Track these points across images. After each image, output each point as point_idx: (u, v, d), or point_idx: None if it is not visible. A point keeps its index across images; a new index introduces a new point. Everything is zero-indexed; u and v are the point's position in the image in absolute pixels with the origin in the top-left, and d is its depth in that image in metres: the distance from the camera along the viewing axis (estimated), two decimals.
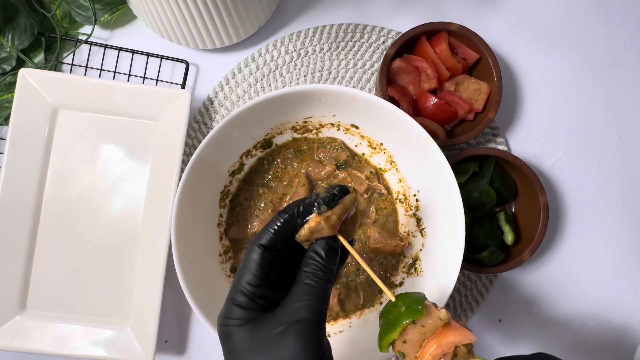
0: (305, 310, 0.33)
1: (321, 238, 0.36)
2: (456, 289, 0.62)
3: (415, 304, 0.36)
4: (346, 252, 0.39)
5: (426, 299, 0.37)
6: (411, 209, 0.58)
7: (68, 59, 0.63)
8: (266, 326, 0.33)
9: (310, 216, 0.36)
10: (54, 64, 0.62)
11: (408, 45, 0.60)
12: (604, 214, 0.64)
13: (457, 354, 0.35)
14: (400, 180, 0.58)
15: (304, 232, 0.36)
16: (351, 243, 0.39)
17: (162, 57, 0.62)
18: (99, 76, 0.63)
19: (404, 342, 0.35)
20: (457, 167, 0.59)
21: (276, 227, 0.36)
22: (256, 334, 0.33)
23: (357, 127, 0.57)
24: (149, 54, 0.62)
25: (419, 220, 0.57)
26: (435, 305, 0.37)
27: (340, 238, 0.37)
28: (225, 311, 0.35)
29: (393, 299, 0.37)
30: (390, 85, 0.59)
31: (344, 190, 0.38)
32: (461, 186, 0.54)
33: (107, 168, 0.59)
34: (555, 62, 0.66)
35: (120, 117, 0.59)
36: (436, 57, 0.59)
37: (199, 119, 0.63)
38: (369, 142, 0.58)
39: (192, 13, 0.55)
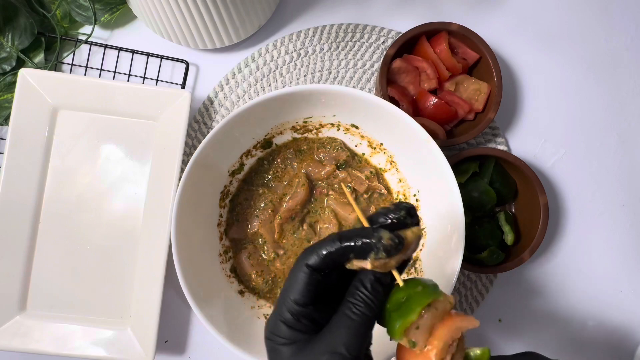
0: (343, 344, 0.32)
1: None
2: (456, 289, 0.62)
3: (430, 284, 0.34)
4: (393, 279, 0.36)
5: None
6: None
7: (68, 59, 0.63)
8: (310, 351, 0.33)
9: (366, 259, 0.33)
10: (54, 64, 0.62)
11: (408, 45, 0.60)
12: (604, 214, 0.64)
13: (458, 344, 0.34)
14: (400, 180, 0.58)
15: (353, 266, 0.34)
16: (404, 264, 0.36)
17: (162, 57, 0.62)
18: (99, 76, 0.63)
19: (417, 327, 0.33)
20: (457, 167, 0.59)
21: (325, 252, 0.34)
22: (301, 357, 0.33)
23: (357, 127, 0.57)
24: (149, 54, 0.62)
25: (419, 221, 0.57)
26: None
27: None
28: (272, 326, 0.34)
29: (401, 284, 0.35)
30: (390, 85, 0.59)
31: (411, 216, 0.35)
32: (461, 186, 0.54)
33: (107, 168, 0.59)
34: (555, 62, 0.66)
35: (120, 117, 0.59)
36: (436, 57, 0.59)
37: (199, 119, 0.63)
38: (369, 142, 0.58)
39: (192, 13, 0.55)
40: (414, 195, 0.57)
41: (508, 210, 0.62)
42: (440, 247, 0.54)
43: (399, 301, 0.34)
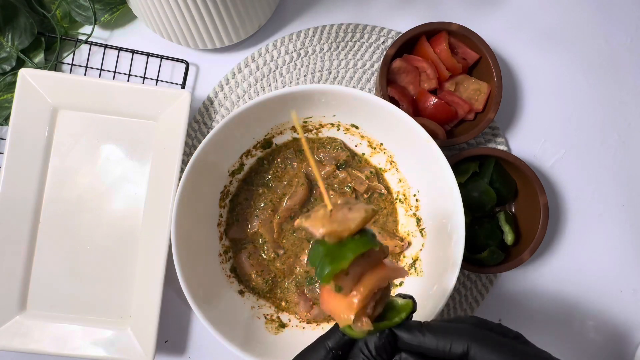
0: None
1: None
2: (456, 289, 0.62)
3: (370, 234, 0.34)
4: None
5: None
6: (411, 209, 0.58)
7: (68, 59, 0.63)
8: None
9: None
10: (54, 64, 0.62)
11: (408, 45, 0.60)
12: (604, 214, 0.64)
13: (382, 295, 0.34)
14: (400, 180, 0.58)
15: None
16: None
17: (162, 57, 0.62)
18: (99, 76, 0.63)
19: (346, 274, 0.33)
20: (457, 167, 0.59)
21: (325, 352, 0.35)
22: None
23: (357, 127, 0.57)
24: (149, 54, 0.62)
25: (419, 220, 0.57)
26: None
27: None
28: None
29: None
30: (390, 85, 0.59)
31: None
32: (461, 186, 0.54)
33: (107, 168, 0.59)
34: (556, 62, 0.66)
35: (120, 117, 0.59)
36: (436, 57, 0.59)
37: (199, 119, 0.63)
38: (369, 142, 0.58)
39: (192, 13, 0.55)
40: (414, 195, 0.57)
41: (508, 210, 0.62)
42: (440, 247, 0.54)
43: (332, 247, 0.33)
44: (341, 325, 0.34)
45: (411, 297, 0.35)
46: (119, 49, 0.62)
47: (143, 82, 0.62)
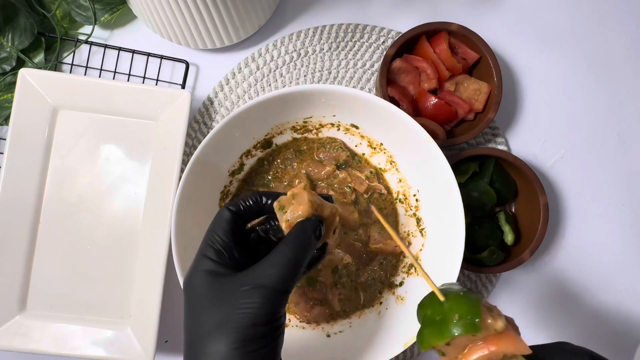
0: (275, 278, 0.34)
1: (307, 219, 0.38)
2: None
3: (472, 315, 0.31)
4: (323, 252, 0.41)
5: (482, 302, 0.32)
6: (411, 209, 0.58)
7: (68, 59, 0.63)
8: (232, 282, 0.34)
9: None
10: (54, 64, 0.62)
11: (408, 45, 0.60)
12: (604, 214, 0.64)
13: None
14: (400, 180, 0.58)
15: (286, 198, 0.38)
16: (323, 250, 0.42)
17: (162, 57, 0.62)
18: (99, 76, 0.63)
19: (448, 344, 0.31)
20: (457, 167, 0.59)
21: (246, 203, 0.39)
22: (221, 285, 0.34)
23: (357, 127, 0.57)
24: (149, 54, 0.62)
25: (419, 220, 0.57)
26: (490, 310, 0.32)
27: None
28: (195, 264, 0.36)
29: (442, 299, 0.33)
30: (390, 85, 0.59)
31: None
32: (461, 186, 0.54)
33: (107, 168, 0.59)
34: (555, 62, 0.66)
35: (120, 117, 0.59)
36: (436, 57, 0.59)
37: (199, 119, 0.63)
38: (369, 142, 0.58)
39: (192, 13, 0.55)
40: (414, 195, 0.57)
41: (508, 210, 0.62)
42: (440, 247, 0.54)
43: (434, 318, 0.32)
44: None
45: None
46: (119, 49, 0.62)
47: (143, 82, 0.62)
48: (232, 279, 0.34)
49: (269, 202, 0.39)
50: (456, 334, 0.30)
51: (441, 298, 0.33)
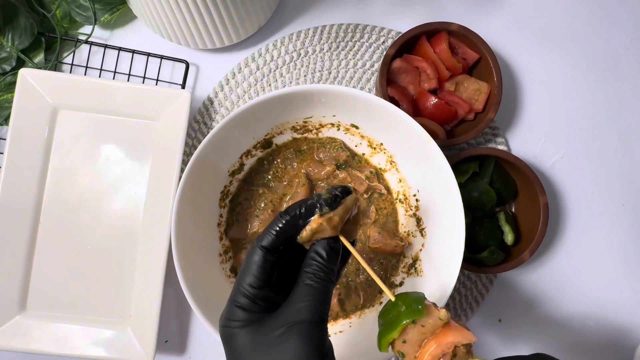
0: (306, 311, 0.33)
1: (323, 239, 0.36)
2: (456, 289, 0.62)
3: (416, 303, 0.36)
4: (347, 253, 0.39)
5: (426, 298, 0.37)
6: (411, 209, 0.58)
7: (68, 59, 0.63)
8: (268, 327, 0.33)
9: (312, 218, 0.36)
10: (54, 64, 0.62)
11: (408, 45, 0.60)
12: (604, 214, 0.64)
13: (456, 354, 0.35)
14: (400, 180, 0.58)
15: (305, 233, 0.36)
16: (353, 243, 0.39)
17: (162, 57, 0.62)
18: (99, 76, 0.63)
19: (404, 341, 0.35)
20: (457, 167, 0.59)
21: (278, 229, 0.35)
22: (258, 335, 0.33)
23: (357, 127, 0.57)
24: (149, 54, 0.62)
25: (419, 220, 0.57)
26: (435, 305, 0.37)
27: (342, 239, 0.37)
28: (227, 313, 0.35)
29: (393, 299, 0.37)
30: (390, 85, 0.59)
31: (346, 191, 0.38)
32: (461, 186, 0.54)
33: (107, 168, 0.59)
34: (555, 62, 0.66)
35: (120, 117, 0.59)
36: (436, 57, 0.59)
37: (199, 119, 0.63)
38: (369, 142, 0.58)
39: (192, 13, 0.55)
40: (414, 195, 0.57)
41: (508, 210, 0.62)
42: (440, 247, 0.54)
43: (389, 318, 0.36)
44: None
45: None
46: (119, 49, 0.62)
47: (143, 82, 0.62)
48: (267, 323, 0.33)
49: (301, 221, 0.36)
50: (404, 321, 0.35)
51: (392, 298, 0.37)
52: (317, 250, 0.36)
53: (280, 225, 0.35)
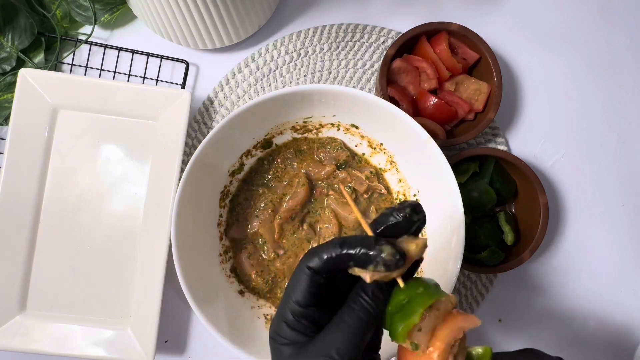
0: (336, 348, 0.32)
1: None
2: (456, 289, 0.62)
3: (433, 286, 0.34)
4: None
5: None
6: None
7: (68, 59, 0.63)
8: (306, 353, 0.33)
9: (365, 270, 0.33)
10: (54, 64, 0.62)
11: (408, 45, 0.60)
12: (604, 214, 0.64)
13: (460, 344, 0.34)
14: (400, 180, 0.58)
15: (355, 272, 0.34)
16: (415, 267, 0.36)
17: (162, 57, 0.62)
18: (99, 76, 0.63)
19: (419, 329, 0.33)
20: (457, 167, 0.59)
21: (326, 257, 0.34)
22: (298, 358, 0.33)
23: (357, 127, 0.57)
24: (149, 54, 0.62)
25: None
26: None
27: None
28: (276, 326, 0.35)
29: (402, 285, 0.34)
30: (390, 85, 0.59)
31: (417, 212, 0.34)
32: (461, 186, 0.54)
33: (107, 168, 0.59)
34: (556, 62, 0.66)
35: (120, 117, 0.59)
36: (436, 57, 0.59)
37: (199, 119, 0.63)
38: (369, 142, 0.58)
39: (192, 13, 0.55)
40: (414, 195, 0.57)
41: (508, 210, 0.62)
42: (440, 247, 0.54)
43: (400, 303, 0.34)
44: None
45: (489, 347, 0.35)
46: (119, 49, 0.62)
47: (143, 82, 0.62)
48: (307, 349, 0.33)
49: (358, 252, 0.33)
50: (428, 303, 0.33)
51: (401, 284, 0.34)
52: (363, 286, 0.34)
53: (332, 254, 0.33)
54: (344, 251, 0.33)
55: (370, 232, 0.35)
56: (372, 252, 0.32)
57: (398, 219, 0.34)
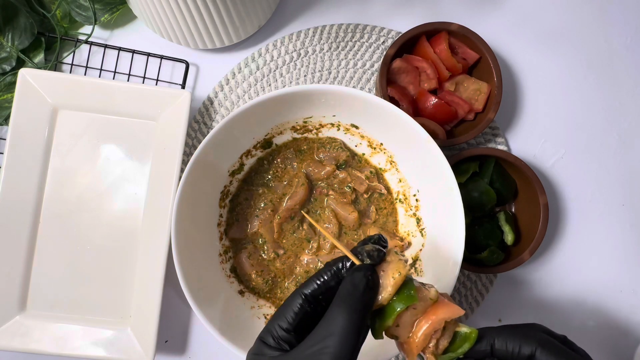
0: (330, 349, 0.31)
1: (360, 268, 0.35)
2: (456, 289, 0.62)
3: (407, 289, 0.35)
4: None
5: (413, 279, 0.37)
6: (411, 209, 0.58)
7: (68, 59, 0.63)
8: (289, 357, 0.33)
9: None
10: (54, 64, 0.62)
11: (408, 45, 0.60)
12: (604, 214, 0.64)
13: (445, 327, 0.36)
14: (400, 180, 0.58)
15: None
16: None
17: (162, 57, 0.62)
18: (99, 76, 0.63)
19: (397, 325, 0.35)
20: (457, 167, 0.59)
21: (322, 280, 0.36)
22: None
23: (357, 127, 0.57)
24: (149, 54, 0.62)
25: (419, 220, 0.57)
26: (422, 284, 0.37)
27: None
28: (255, 348, 0.36)
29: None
30: (390, 85, 0.59)
31: (383, 240, 0.37)
32: (461, 186, 0.54)
33: (107, 168, 0.59)
34: (555, 62, 0.66)
35: (120, 117, 0.59)
36: (436, 57, 0.59)
37: (199, 119, 0.63)
38: (369, 142, 0.58)
39: (192, 13, 0.55)
40: (414, 195, 0.57)
41: (508, 210, 0.62)
42: (440, 247, 0.54)
43: (379, 307, 0.36)
44: None
45: (475, 330, 0.37)
46: (119, 49, 0.62)
47: (143, 82, 0.62)
48: (291, 354, 0.33)
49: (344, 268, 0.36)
50: (398, 308, 0.35)
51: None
52: (353, 278, 0.34)
53: (325, 277, 0.36)
54: (335, 267, 0.36)
55: (351, 256, 0.37)
56: (358, 248, 0.36)
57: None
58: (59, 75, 0.58)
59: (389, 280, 0.35)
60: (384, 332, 0.36)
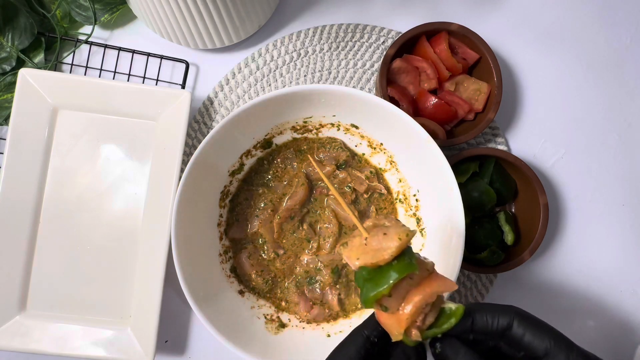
0: None
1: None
2: (456, 289, 0.62)
3: (408, 257, 0.34)
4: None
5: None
6: (411, 209, 0.58)
7: (68, 59, 0.63)
8: None
9: None
10: (54, 64, 0.62)
11: (408, 45, 0.60)
12: (604, 214, 0.64)
13: (433, 303, 0.35)
14: (400, 180, 0.58)
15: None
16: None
17: (162, 57, 0.62)
18: (99, 76, 0.63)
19: (390, 296, 0.34)
20: (457, 167, 0.59)
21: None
22: None
23: (357, 127, 0.57)
24: (149, 54, 0.62)
25: (419, 220, 0.57)
26: (418, 255, 0.36)
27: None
28: None
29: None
30: (390, 85, 0.59)
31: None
32: (461, 186, 0.54)
33: (107, 168, 0.59)
34: (556, 62, 0.66)
35: (120, 117, 0.59)
36: (436, 57, 0.59)
37: (199, 119, 0.63)
38: (369, 142, 0.58)
39: (192, 13, 0.55)
40: (414, 195, 0.57)
41: (508, 210, 0.62)
42: (440, 247, 0.54)
43: (372, 273, 0.34)
44: (394, 339, 0.35)
45: (462, 306, 0.36)
46: (119, 49, 0.62)
47: (143, 82, 0.62)
48: None
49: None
50: (397, 276, 0.33)
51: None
52: (405, 350, 0.36)
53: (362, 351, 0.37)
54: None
55: (364, 232, 0.36)
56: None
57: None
58: (59, 75, 0.58)
59: (393, 242, 0.34)
60: (375, 303, 0.35)
